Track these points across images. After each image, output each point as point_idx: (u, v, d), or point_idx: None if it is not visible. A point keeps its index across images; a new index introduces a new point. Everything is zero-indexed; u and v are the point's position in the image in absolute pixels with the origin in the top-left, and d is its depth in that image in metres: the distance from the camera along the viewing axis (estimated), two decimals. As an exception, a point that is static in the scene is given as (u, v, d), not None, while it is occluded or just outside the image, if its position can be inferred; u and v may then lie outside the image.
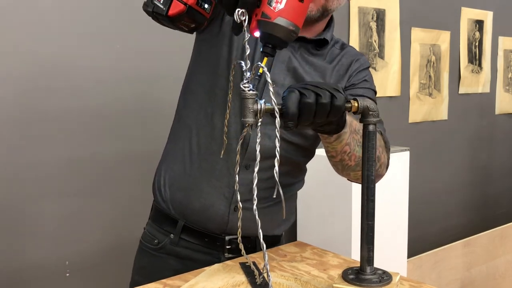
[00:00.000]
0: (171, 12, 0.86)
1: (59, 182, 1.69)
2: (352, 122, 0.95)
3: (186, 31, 0.93)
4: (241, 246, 0.95)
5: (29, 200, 1.64)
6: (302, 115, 0.78)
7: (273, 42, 0.81)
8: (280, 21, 0.79)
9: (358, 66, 1.17)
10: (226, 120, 0.98)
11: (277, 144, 0.76)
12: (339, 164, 1.02)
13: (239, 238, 0.94)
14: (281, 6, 0.79)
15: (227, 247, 1.15)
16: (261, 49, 0.81)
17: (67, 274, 1.72)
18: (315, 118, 0.79)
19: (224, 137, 0.99)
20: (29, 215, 1.64)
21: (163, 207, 1.19)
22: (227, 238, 1.15)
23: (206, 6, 0.89)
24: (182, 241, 1.17)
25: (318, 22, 1.12)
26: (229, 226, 1.14)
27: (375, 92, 1.19)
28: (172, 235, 1.18)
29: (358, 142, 0.97)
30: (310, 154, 1.22)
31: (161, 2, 0.86)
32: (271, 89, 0.77)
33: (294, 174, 1.21)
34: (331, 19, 1.18)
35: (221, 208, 1.13)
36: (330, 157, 1.01)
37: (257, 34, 0.81)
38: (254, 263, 0.98)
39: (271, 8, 0.79)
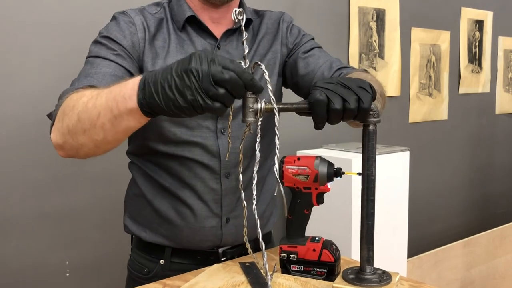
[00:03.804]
0: None
1: (59, 182, 1.69)
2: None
3: None
4: (247, 244, 0.95)
5: (29, 199, 1.64)
6: (330, 119, 0.78)
7: None
8: None
9: (286, 26, 1.19)
10: (229, 122, 0.97)
11: (277, 142, 0.76)
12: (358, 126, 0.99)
13: (245, 237, 0.94)
14: None
15: (222, 259, 1.14)
16: None
17: (67, 274, 1.72)
18: (342, 120, 0.79)
19: (229, 140, 0.98)
20: (29, 215, 1.64)
21: (145, 237, 1.15)
22: (220, 250, 1.14)
23: None
24: (173, 265, 1.13)
25: (230, 5, 1.11)
26: (223, 240, 1.13)
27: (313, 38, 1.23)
28: (162, 261, 1.14)
29: (378, 99, 0.94)
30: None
31: None
32: (269, 87, 0.77)
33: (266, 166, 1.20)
34: None
35: (213, 226, 1.11)
36: (350, 123, 1.00)
37: None
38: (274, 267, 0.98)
39: None
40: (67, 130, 0.87)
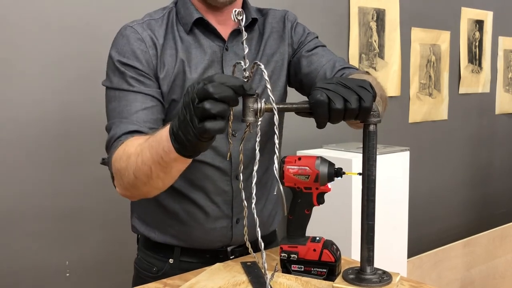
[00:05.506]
0: None
1: (59, 182, 1.68)
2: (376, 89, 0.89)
3: None
4: (248, 244, 0.95)
5: (28, 199, 1.64)
6: (331, 119, 0.78)
7: None
8: None
9: (291, 25, 1.19)
10: (230, 122, 0.97)
11: (276, 142, 0.76)
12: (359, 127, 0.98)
13: (246, 236, 0.94)
14: None
15: (231, 257, 1.14)
16: None
17: (67, 274, 1.72)
18: (344, 120, 0.80)
19: (229, 139, 0.98)
20: (29, 215, 1.64)
21: (154, 237, 1.15)
22: (229, 249, 1.15)
23: None
24: (183, 264, 1.14)
25: (233, 5, 1.10)
26: (234, 239, 1.13)
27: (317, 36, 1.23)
28: (171, 260, 1.14)
29: (379, 102, 0.94)
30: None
31: None
32: (269, 86, 0.77)
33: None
34: None
35: (224, 226, 1.12)
36: (351, 124, 1.00)
37: None
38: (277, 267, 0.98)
39: None
40: (130, 186, 0.97)
